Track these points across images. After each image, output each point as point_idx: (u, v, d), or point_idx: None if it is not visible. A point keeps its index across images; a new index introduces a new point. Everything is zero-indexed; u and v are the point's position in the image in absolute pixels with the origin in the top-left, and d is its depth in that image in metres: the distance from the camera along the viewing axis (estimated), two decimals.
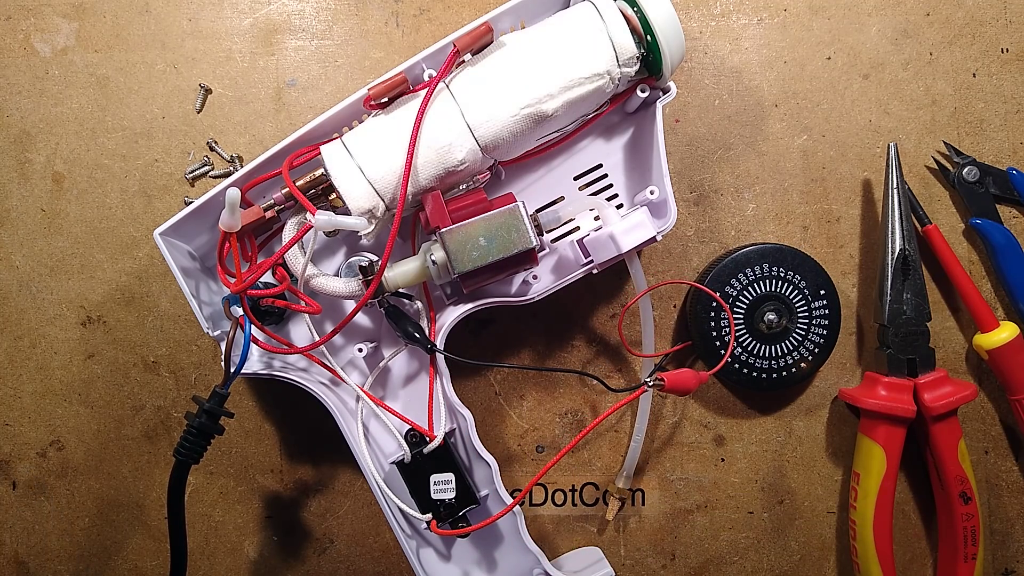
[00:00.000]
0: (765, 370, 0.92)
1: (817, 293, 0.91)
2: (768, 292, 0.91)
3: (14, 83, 0.97)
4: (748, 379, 0.92)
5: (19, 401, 0.97)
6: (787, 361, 0.92)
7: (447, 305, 0.88)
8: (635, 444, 0.92)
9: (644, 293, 0.86)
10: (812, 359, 0.92)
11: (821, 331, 0.91)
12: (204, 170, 0.96)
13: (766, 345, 0.91)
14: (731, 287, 0.90)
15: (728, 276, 0.90)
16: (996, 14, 0.95)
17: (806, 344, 0.92)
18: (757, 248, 0.90)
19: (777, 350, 0.92)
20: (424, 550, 0.89)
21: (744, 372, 0.92)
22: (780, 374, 0.92)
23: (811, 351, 0.92)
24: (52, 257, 0.97)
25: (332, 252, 0.90)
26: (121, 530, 0.97)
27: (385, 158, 0.78)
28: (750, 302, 0.91)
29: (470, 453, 0.87)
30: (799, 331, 0.91)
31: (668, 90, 0.84)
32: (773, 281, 0.91)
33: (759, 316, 0.91)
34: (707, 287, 0.90)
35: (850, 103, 0.96)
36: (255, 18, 0.98)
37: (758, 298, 0.91)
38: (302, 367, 0.88)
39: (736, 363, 0.92)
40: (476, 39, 0.78)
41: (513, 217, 0.78)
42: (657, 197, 0.85)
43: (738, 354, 0.91)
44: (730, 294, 0.90)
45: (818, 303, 0.91)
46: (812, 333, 0.91)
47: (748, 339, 0.91)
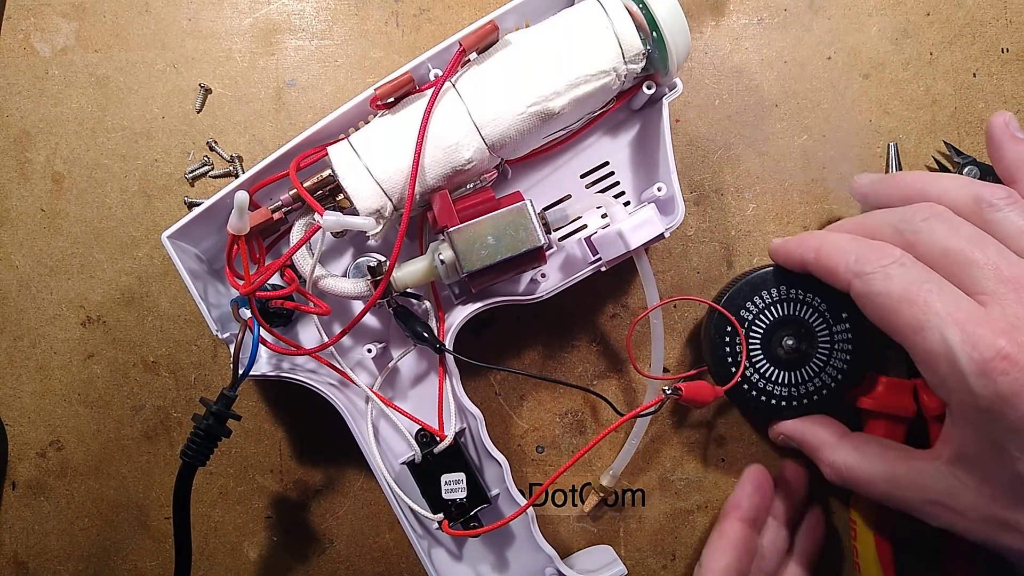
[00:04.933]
0: (785, 397, 0.88)
1: (839, 316, 0.87)
2: (787, 316, 0.87)
3: (14, 83, 0.97)
4: (767, 407, 0.89)
5: (19, 401, 0.97)
6: (807, 388, 0.88)
7: (455, 305, 0.88)
8: (629, 447, 0.91)
9: (655, 307, 0.85)
10: (835, 386, 0.88)
11: (844, 356, 0.87)
12: (204, 170, 0.96)
13: (785, 371, 0.88)
14: (747, 311, 0.88)
15: (744, 299, 0.88)
16: (996, 14, 0.96)
17: (828, 370, 0.87)
18: (774, 269, 0.87)
19: (797, 376, 0.88)
20: (435, 550, 0.89)
21: (762, 400, 0.88)
22: (801, 402, 0.88)
23: (833, 377, 0.87)
24: (52, 257, 0.96)
25: (339, 253, 0.90)
26: (121, 530, 0.97)
27: (392, 158, 0.78)
28: (768, 326, 0.88)
29: (480, 452, 0.87)
30: (820, 356, 0.87)
31: (674, 86, 0.85)
32: (792, 304, 0.87)
33: (777, 341, 0.88)
34: (720, 306, 0.88)
35: (850, 103, 0.96)
36: (255, 18, 0.97)
37: (776, 322, 0.87)
38: (310, 368, 0.88)
39: (753, 390, 0.88)
40: (482, 38, 0.78)
41: (521, 215, 0.78)
42: (665, 194, 0.85)
43: (755, 380, 0.88)
44: (746, 318, 0.88)
45: (840, 327, 0.87)
46: (834, 359, 0.87)
47: (766, 365, 0.88)
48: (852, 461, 0.80)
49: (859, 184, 0.85)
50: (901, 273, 0.70)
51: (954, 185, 0.75)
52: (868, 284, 0.71)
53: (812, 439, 0.86)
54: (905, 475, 0.75)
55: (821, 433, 0.85)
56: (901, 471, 0.76)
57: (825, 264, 0.76)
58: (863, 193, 0.84)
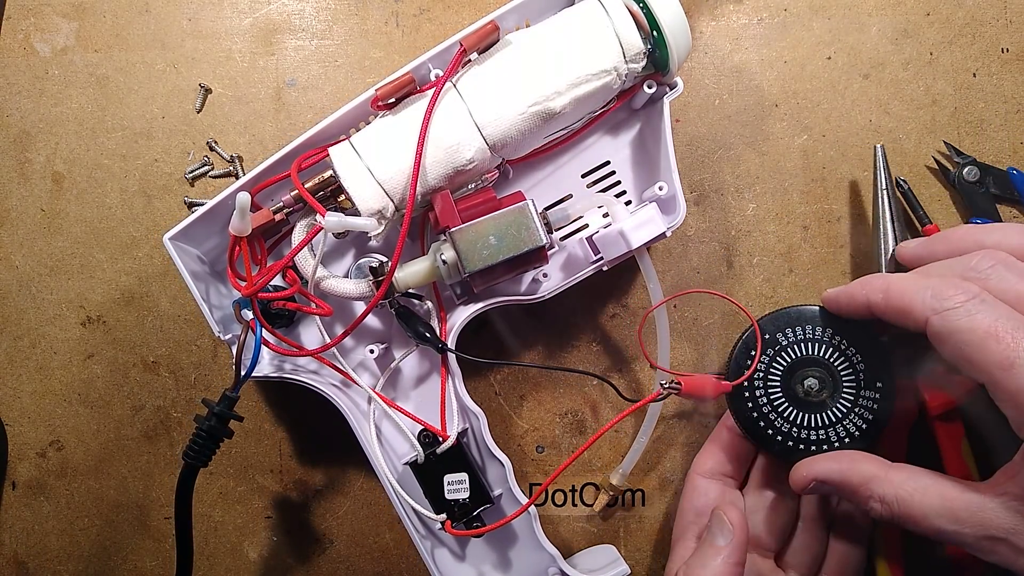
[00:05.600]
0: (791, 437, 0.82)
1: (873, 383, 0.81)
2: (820, 357, 0.82)
3: (14, 83, 0.97)
4: (769, 440, 0.83)
5: (19, 401, 0.97)
6: (814, 435, 0.82)
7: (457, 305, 0.88)
8: (638, 445, 0.91)
9: (662, 303, 0.85)
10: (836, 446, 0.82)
11: (860, 422, 0.81)
12: (204, 170, 0.96)
13: (798, 411, 0.83)
14: (785, 336, 0.83)
15: (786, 324, 0.83)
16: (996, 14, 0.96)
17: (838, 428, 0.82)
18: (828, 313, 0.83)
19: (807, 420, 0.82)
20: (439, 551, 0.89)
21: (769, 432, 0.83)
22: (798, 446, 0.83)
23: (840, 437, 0.82)
24: (52, 257, 0.96)
25: (341, 255, 0.90)
26: (121, 530, 0.97)
27: (394, 158, 0.78)
28: (795, 359, 0.83)
29: (483, 452, 0.87)
30: (838, 410, 0.82)
31: (675, 85, 0.85)
32: (830, 348, 0.82)
33: (800, 377, 0.83)
34: (758, 325, 0.83)
35: (850, 103, 0.96)
36: (255, 18, 0.97)
37: (806, 359, 0.83)
38: (312, 369, 0.88)
39: (761, 420, 0.83)
40: (483, 38, 0.78)
41: (523, 215, 0.78)
42: (666, 193, 0.85)
43: (765, 411, 0.83)
44: (780, 341, 0.83)
45: (868, 392, 0.81)
46: (849, 420, 0.82)
47: (781, 399, 0.83)
48: (904, 494, 0.73)
49: (908, 250, 0.83)
50: (984, 309, 0.66)
51: (1012, 232, 0.73)
52: (948, 320, 0.68)
53: (854, 476, 0.76)
54: (964, 509, 0.70)
55: (865, 468, 0.76)
56: (959, 505, 0.70)
57: (897, 303, 0.72)
58: (915, 256, 0.82)
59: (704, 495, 0.87)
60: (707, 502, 0.86)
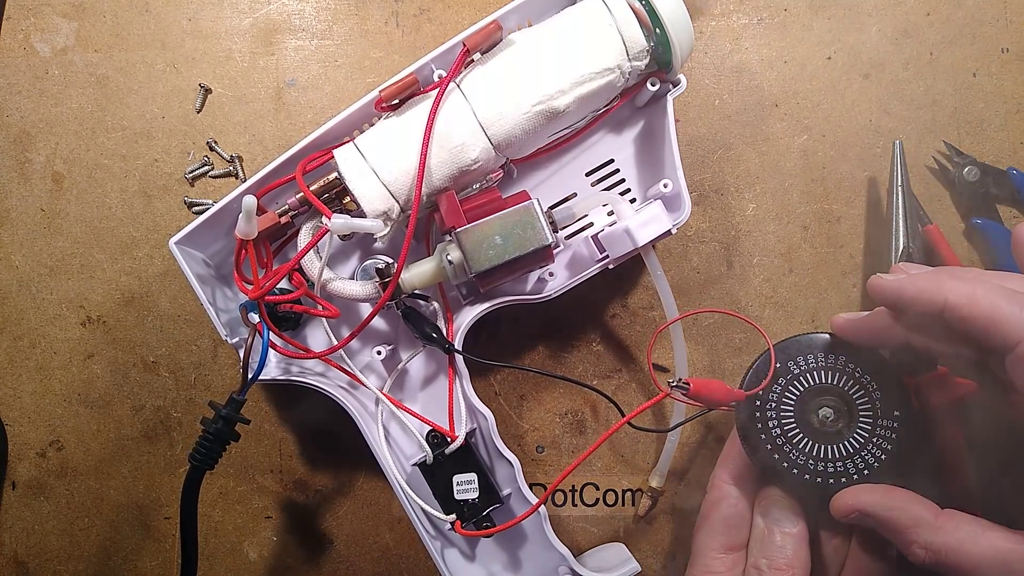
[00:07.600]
0: (808, 470, 0.78)
1: (890, 411, 0.77)
2: (836, 386, 0.78)
3: (14, 83, 0.96)
4: (784, 473, 0.78)
5: (19, 401, 0.96)
6: (831, 468, 0.77)
7: (463, 305, 0.88)
8: (670, 444, 0.91)
9: (677, 319, 0.85)
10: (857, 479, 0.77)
11: (879, 453, 0.77)
12: (204, 170, 0.96)
13: (811, 442, 0.78)
14: (795, 364, 0.79)
15: (800, 350, 0.79)
16: (996, 14, 0.96)
17: (855, 460, 0.77)
18: (839, 340, 0.79)
19: (820, 451, 0.78)
20: (448, 551, 0.89)
21: (784, 466, 0.78)
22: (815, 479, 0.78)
23: (860, 469, 0.77)
24: (52, 257, 0.96)
25: (346, 256, 0.90)
26: (121, 530, 0.97)
27: (398, 159, 0.78)
28: (810, 387, 0.79)
29: (491, 452, 0.87)
30: (853, 442, 0.77)
31: (678, 83, 0.85)
32: (847, 378, 0.78)
33: (815, 406, 0.78)
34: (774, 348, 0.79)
35: (850, 103, 0.97)
36: (255, 18, 0.97)
37: (822, 387, 0.78)
38: (319, 371, 0.88)
39: (776, 453, 0.78)
40: (486, 38, 0.78)
41: (528, 215, 0.78)
42: (671, 190, 0.85)
43: (775, 436, 0.78)
44: (791, 369, 0.79)
45: (886, 422, 0.77)
46: (866, 452, 0.77)
47: (794, 427, 0.78)
48: (954, 543, 0.68)
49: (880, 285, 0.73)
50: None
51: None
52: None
53: (903, 517, 0.71)
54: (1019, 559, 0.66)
55: (915, 511, 0.71)
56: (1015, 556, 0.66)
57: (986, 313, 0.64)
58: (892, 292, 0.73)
59: (734, 506, 0.81)
60: (735, 512, 0.81)
